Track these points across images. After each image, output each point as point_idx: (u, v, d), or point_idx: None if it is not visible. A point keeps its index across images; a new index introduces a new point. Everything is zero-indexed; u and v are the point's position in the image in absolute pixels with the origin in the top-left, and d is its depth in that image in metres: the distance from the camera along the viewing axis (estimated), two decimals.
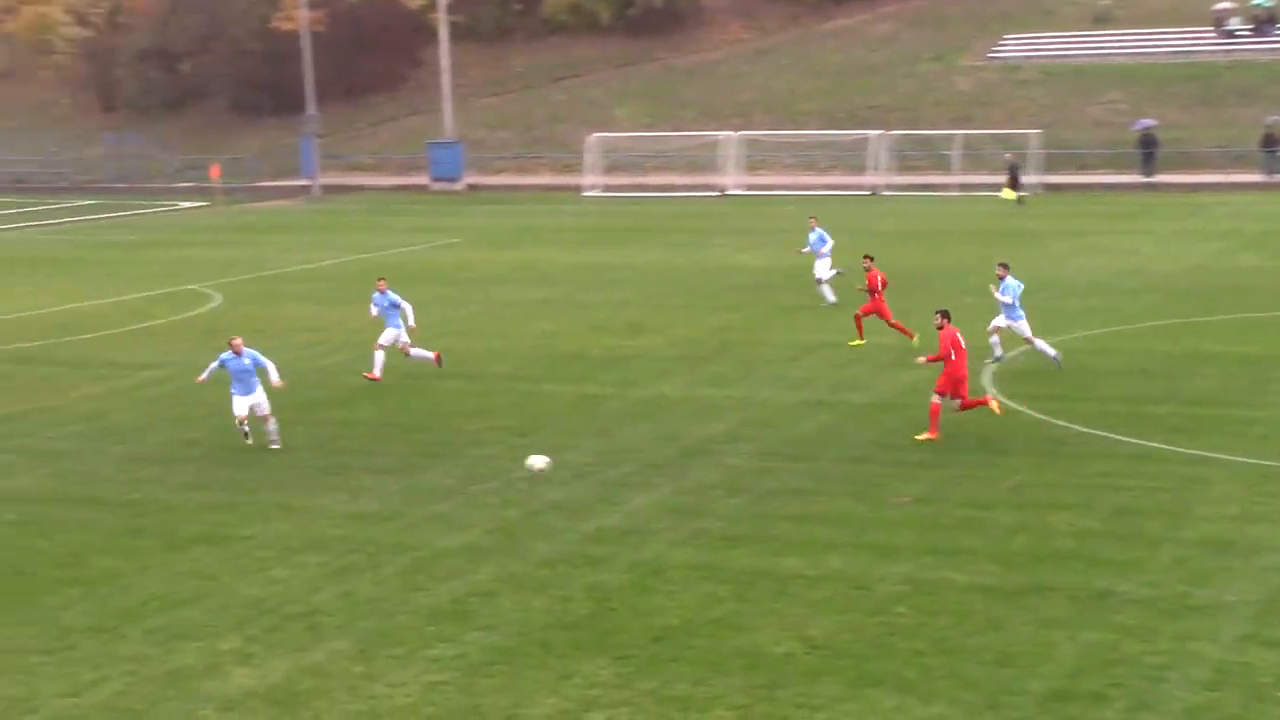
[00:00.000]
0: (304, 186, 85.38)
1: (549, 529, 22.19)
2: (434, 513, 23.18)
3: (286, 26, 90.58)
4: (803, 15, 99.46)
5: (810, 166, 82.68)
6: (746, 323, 38.67)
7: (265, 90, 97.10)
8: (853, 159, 79.64)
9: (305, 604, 19.43)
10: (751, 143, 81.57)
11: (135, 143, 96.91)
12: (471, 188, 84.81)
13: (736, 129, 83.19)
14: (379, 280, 33.67)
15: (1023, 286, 31.87)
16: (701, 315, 40.03)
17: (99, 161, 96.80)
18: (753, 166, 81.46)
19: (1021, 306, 31.61)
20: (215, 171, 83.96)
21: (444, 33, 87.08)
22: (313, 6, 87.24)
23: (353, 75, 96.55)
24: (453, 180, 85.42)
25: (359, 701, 16.44)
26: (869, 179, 77.28)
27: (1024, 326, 31.68)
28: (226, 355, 27.12)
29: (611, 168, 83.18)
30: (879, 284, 34.50)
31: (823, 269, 41.05)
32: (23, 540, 22.47)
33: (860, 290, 35.35)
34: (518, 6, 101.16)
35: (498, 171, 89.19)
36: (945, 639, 17.52)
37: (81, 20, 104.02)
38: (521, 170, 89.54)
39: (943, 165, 77.35)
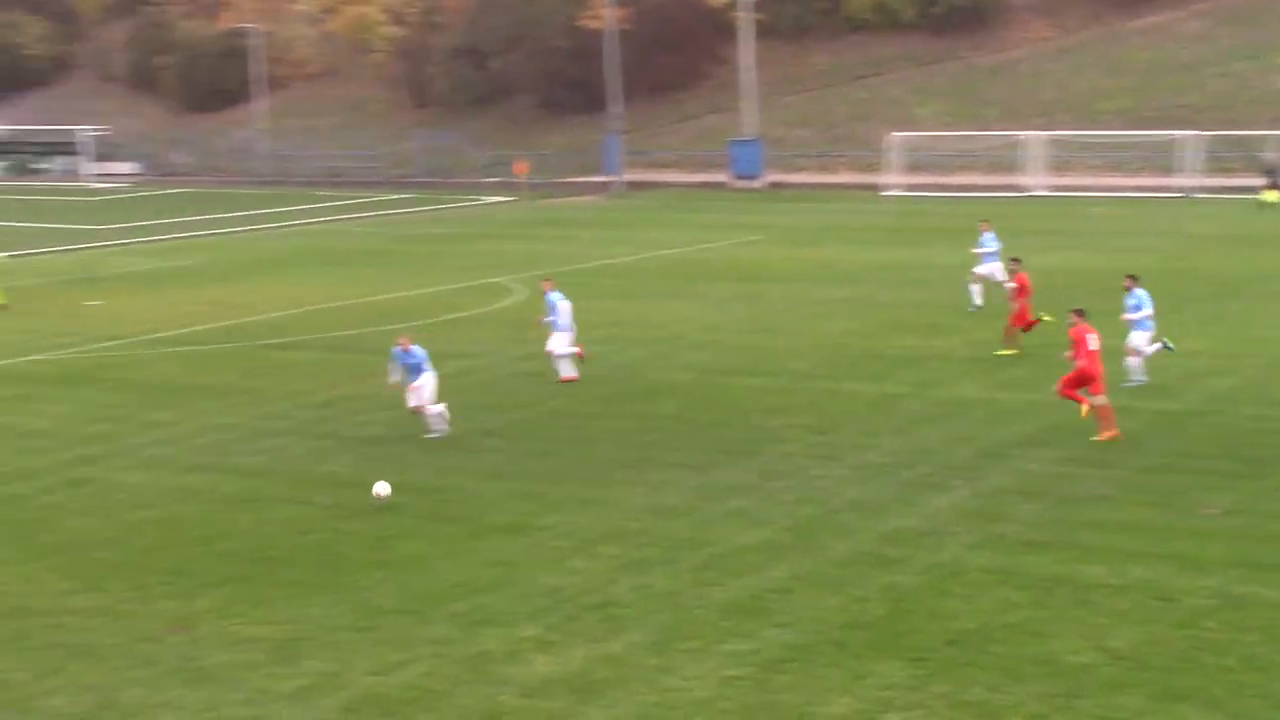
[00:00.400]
0: (606, 183, 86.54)
1: (845, 528, 22.13)
2: (731, 508, 23.29)
3: (593, 25, 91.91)
4: (1106, 13, 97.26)
5: (1117, 168, 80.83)
6: (1046, 325, 37.95)
7: (571, 87, 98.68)
8: (1161, 160, 77.58)
9: (602, 595, 19.70)
10: (1055, 143, 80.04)
11: (446, 139, 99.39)
12: (773, 185, 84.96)
13: (1039, 128, 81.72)
14: (544, 281, 34.08)
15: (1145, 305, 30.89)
16: (1001, 317, 39.40)
17: (411, 156, 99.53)
18: (1057, 167, 79.93)
19: (1150, 321, 30.68)
20: (522, 167, 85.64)
21: (746, 31, 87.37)
22: (618, 4, 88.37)
23: (656, 73, 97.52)
24: (753, 178, 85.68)
25: (655, 693, 16.60)
26: (1180, 180, 75.20)
27: (1138, 339, 30.61)
28: (397, 350, 28.18)
29: (912, 167, 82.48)
30: (1025, 287, 34.60)
31: (989, 270, 40.44)
32: (335, 523, 23.25)
33: (1016, 301, 35.01)
34: (819, 4, 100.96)
35: (798, 169, 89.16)
36: (1256, 656, 16.96)
37: (398, 19, 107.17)
38: (822, 168, 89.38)
39: (1260, 167, 74.82)
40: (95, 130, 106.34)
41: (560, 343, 32.76)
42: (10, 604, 20.02)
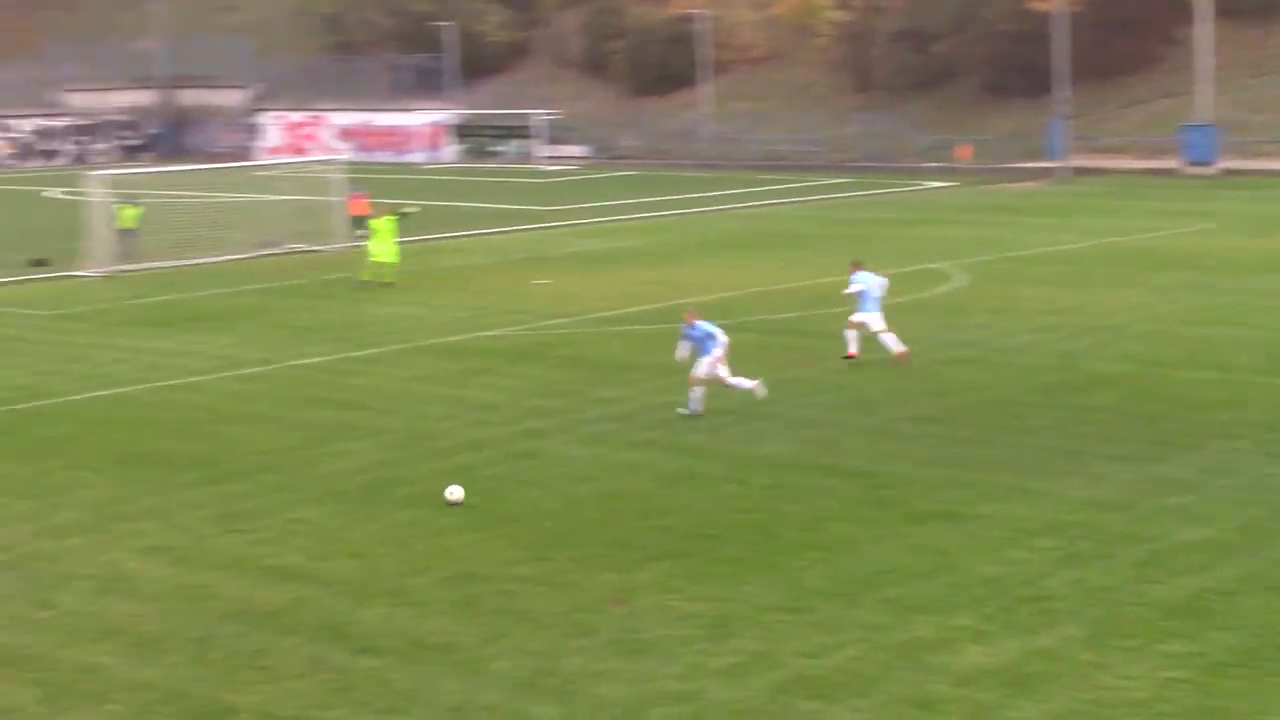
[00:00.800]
0: (1050, 168, 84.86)
1: None
2: (1172, 504, 22.62)
3: (1041, 7, 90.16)
4: None
5: None
6: None
7: (1016, 71, 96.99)
8: None
9: (1037, 587, 19.42)
10: None
11: (886, 123, 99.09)
12: (1228, 172, 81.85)
13: None
14: (853, 264, 34.07)
15: None
16: None
17: (851, 140, 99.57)
18: None
19: None
20: (965, 152, 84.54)
21: (1204, 12, 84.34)
22: None
23: (1105, 56, 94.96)
24: (1206, 164, 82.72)
25: (1089, 690, 16.28)
26: None
27: None
28: (685, 326, 29.23)
29: None
30: None
31: None
32: (772, 504, 23.52)
33: None
34: None
35: (1256, 156, 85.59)
36: None
37: (842, 3, 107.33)
38: None
39: None
40: (548, 114, 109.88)
41: (877, 320, 33.28)
42: (461, 569, 20.94)
